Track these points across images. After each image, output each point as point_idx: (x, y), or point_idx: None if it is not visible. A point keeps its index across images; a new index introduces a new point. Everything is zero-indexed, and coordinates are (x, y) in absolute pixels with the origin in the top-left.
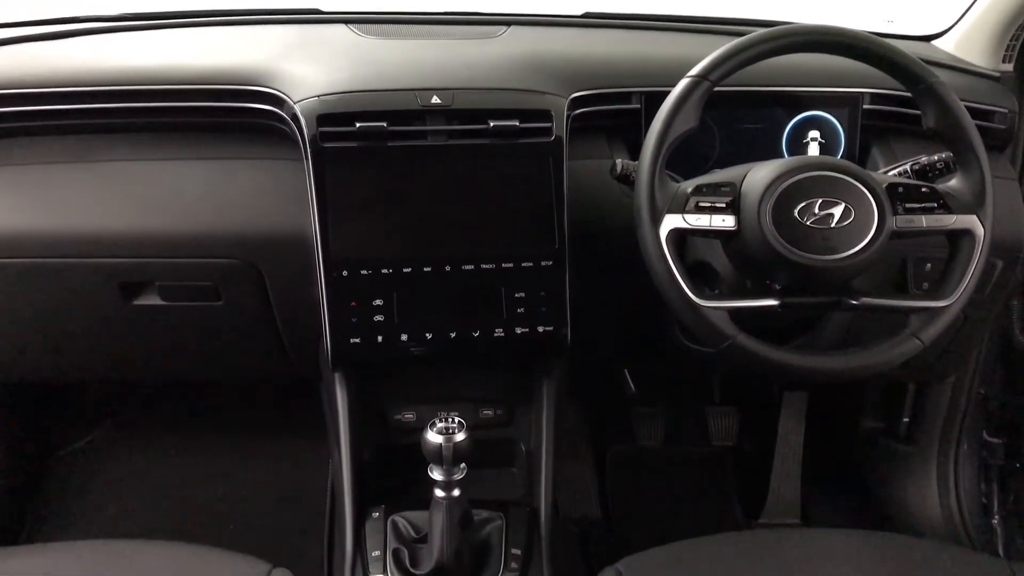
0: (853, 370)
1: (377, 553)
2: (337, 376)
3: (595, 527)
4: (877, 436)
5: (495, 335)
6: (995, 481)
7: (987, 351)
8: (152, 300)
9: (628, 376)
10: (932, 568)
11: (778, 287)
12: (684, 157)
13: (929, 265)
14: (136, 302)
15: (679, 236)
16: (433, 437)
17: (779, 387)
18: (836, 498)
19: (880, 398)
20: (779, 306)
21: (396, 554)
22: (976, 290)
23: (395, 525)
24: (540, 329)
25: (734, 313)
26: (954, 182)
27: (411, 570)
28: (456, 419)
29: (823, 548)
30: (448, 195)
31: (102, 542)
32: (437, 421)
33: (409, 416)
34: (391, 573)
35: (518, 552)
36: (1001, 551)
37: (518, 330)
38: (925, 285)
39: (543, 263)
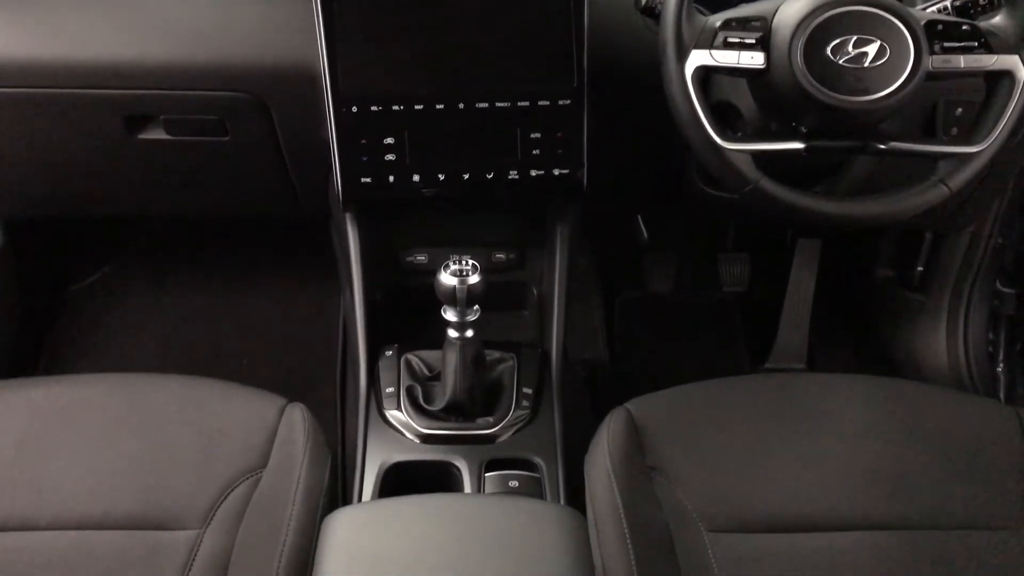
0: (878, 216)
1: (391, 390)
2: (348, 216)
3: (603, 370)
4: (889, 285)
5: (509, 177)
6: (1003, 330)
7: (1009, 201)
8: (157, 134)
9: (641, 222)
10: (940, 411)
11: (804, 129)
12: None
13: (960, 109)
14: (141, 136)
15: (704, 74)
16: (447, 279)
17: (793, 234)
18: (843, 346)
19: (895, 246)
20: (804, 149)
21: (410, 391)
22: (1008, 136)
23: (408, 363)
24: (555, 172)
25: (757, 156)
26: (998, 19)
27: (424, 406)
28: (470, 261)
29: (831, 391)
30: (462, 28)
31: (118, 375)
32: (451, 263)
33: (421, 258)
34: (405, 409)
35: (529, 391)
36: (1003, 397)
37: (533, 172)
38: (954, 130)
39: (560, 102)
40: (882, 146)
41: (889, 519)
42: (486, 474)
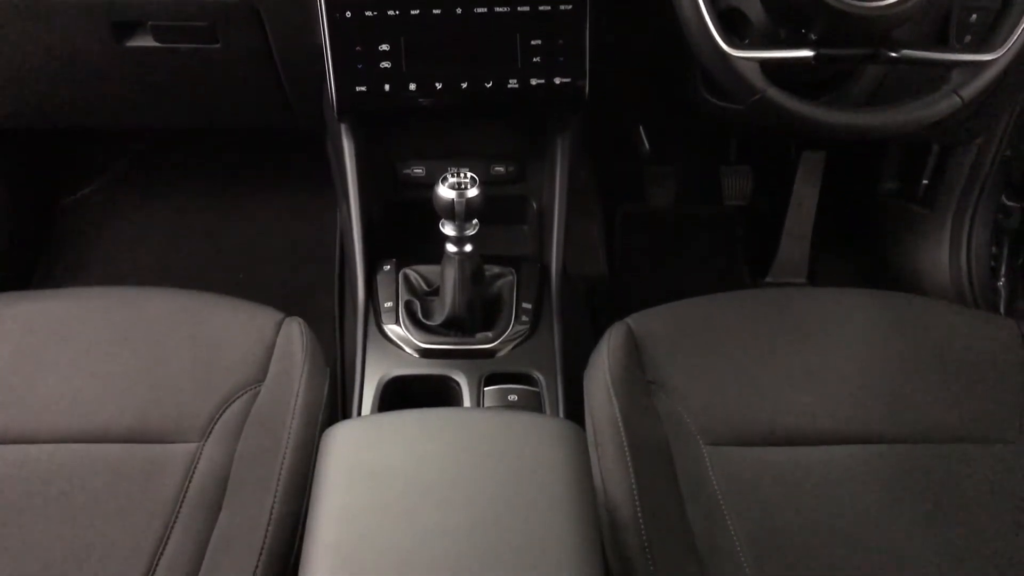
0: (887, 127)
1: (389, 304)
2: (343, 127)
3: (602, 284)
4: (893, 198)
5: (509, 86)
6: (1006, 244)
7: (1020, 112)
8: (145, 41)
9: (643, 133)
10: (942, 326)
11: (814, 37)
12: None
13: (975, 15)
14: (129, 43)
15: None
16: (445, 192)
17: (797, 146)
18: (844, 260)
19: (900, 159)
20: (814, 58)
21: (408, 306)
22: None
23: (406, 278)
24: (556, 81)
25: (765, 65)
26: None
27: (423, 321)
28: (468, 174)
29: (832, 306)
30: None
31: (114, 289)
32: (449, 176)
33: (418, 171)
34: (403, 324)
35: (528, 306)
36: (1003, 311)
37: (533, 81)
38: (968, 38)
39: (562, 7)
40: (894, 54)
41: (887, 433)
42: (485, 388)
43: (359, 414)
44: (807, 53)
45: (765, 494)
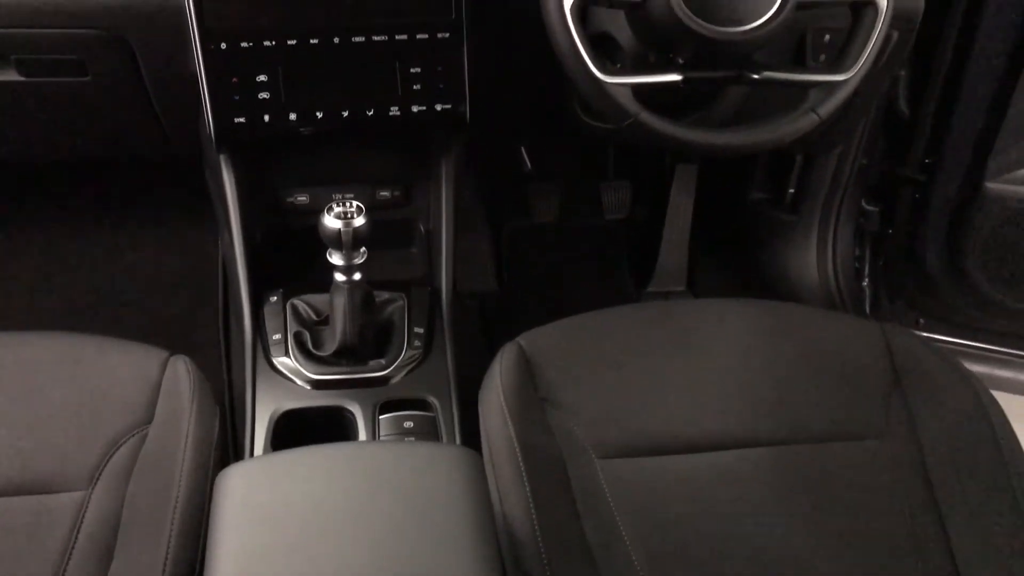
0: (753, 145)
1: (278, 336)
2: (222, 158)
3: (492, 301)
4: (763, 206)
5: (390, 114)
6: (868, 247)
7: (872, 123)
8: (8, 75)
9: (524, 152)
10: (812, 330)
11: (681, 61)
12: None
13: (828, 36)
14: None
15: (583, 5)
16: (331, 222)
17: (672, 160)
18: (721, 267)
19: (767, 170)
20: (682, 81)
21: (298, 336)
22: (872, 64)
23: (295, 308)
24: (438, 107)
25: (636, 89)
26: None
27: (314, 351)
28: (354, 203)
29: (711, 316)
30: None
31: None
32: (334, 205)
33: (303, 199)
34: (293, 355)
35: (420, 330)
36: (868, 310)
37: (415, 108)
38: (823, 57)
39: (440, 35)
40: (756, 76)
41: (765, 436)
42: (380, 416)
43: (252, 452)
44: (676, 77)
45: (656, 502)
